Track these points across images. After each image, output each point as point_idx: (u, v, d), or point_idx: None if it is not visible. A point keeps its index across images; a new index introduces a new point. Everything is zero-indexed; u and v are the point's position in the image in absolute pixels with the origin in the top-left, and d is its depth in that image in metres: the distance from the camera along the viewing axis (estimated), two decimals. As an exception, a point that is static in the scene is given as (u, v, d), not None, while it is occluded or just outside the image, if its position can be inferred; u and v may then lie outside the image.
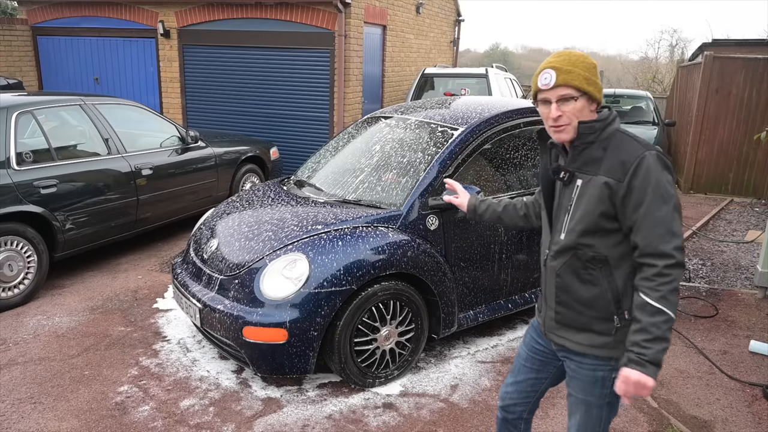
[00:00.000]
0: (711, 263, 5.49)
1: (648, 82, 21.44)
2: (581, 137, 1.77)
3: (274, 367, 3.07)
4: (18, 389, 3.23)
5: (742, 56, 8.34)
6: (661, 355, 1.64)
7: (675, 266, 1.65)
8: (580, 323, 1.83)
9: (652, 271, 1.65)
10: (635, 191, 1.67)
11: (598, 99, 1.76)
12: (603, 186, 1.71)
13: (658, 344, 1.63)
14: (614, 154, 1.72)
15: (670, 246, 1.64)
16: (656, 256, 1.65)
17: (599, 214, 1.73)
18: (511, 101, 4.26)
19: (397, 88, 10.44)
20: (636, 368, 1.63)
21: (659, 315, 1.63)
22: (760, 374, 3.51)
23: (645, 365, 1.63)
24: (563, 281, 1.84)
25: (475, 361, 3.62)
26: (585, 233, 1.76)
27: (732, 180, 8.61)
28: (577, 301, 1.83)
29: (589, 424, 1.89)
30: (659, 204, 1.65)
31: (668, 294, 1.64)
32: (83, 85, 9.67)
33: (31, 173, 4.37)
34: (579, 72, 1.73)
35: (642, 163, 1.67)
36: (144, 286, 4.74)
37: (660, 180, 1.66)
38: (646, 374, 1.62)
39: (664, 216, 1.65)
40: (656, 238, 1.65)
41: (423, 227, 3.40)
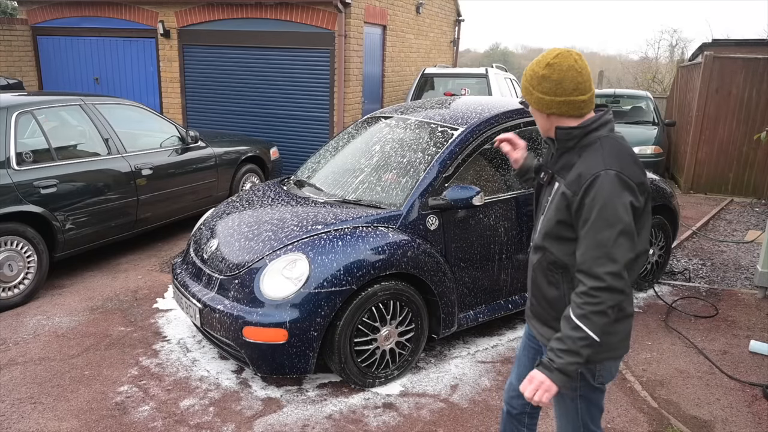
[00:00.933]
0: (711, 263, 5.49)
1: (648, 82, 21.44)
2: (559, 141, 1.79)
3: (274, 367, 3.07)
4: (18, 389, 3.23)
5: (742, 56, 8.34)
6: (570, 367, 1.66)
7: (604, 290, 1.63)
8: (544, 318, 1.91)
9: (581, 288, 1.67)
10: (584, 208, 1.67)
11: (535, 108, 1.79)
12: (561, 196, 1.73)
13: (569, 356, 1.66)
14: (579, 166, 1.72)
15: (602, 270, 1.63)
16: (587, 276, 1.66)
17: (557, 221, 1.76)
18: (511, 101, 4.26)
19: (397, 88, 10.44)
20: (543, 371, 1.69)
21: (577, 331, 1.65)
22: (760, 374, 3.51)
23: (552, 371, 1.67)
24: (535, 276, 1.91)
25: (475, 361, 3.62)
26: (546, 236, 1.80)
27: (732, 180, 8.61)
28: (543, 298, 1.89)
29: (567, 416, 1.93)
30: (602, 226, 1.63)
31: (591, 314, 1.64)
32: (83, 85, 9.67)
33: (31, 173, 4.37)
34: (523, 81, 1.80)
35: (595, 182, 1.65)
36: (144, 286, 4.74)
37: (609, 202, 1.63)
38: (551, 379, 1.67)
39: (605, 240, 1.63)
40: (590, 258, 1.65)
41: (423, 227, 3.40)
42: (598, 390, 1.87)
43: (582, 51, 3.37)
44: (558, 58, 1.72)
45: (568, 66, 1.71)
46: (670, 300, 4.53)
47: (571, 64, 1.71)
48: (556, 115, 1.76)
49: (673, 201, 4.74)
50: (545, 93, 1.74)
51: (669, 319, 4.23)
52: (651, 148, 8.22)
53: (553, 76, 1.71)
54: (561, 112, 1.74)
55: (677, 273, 5.19)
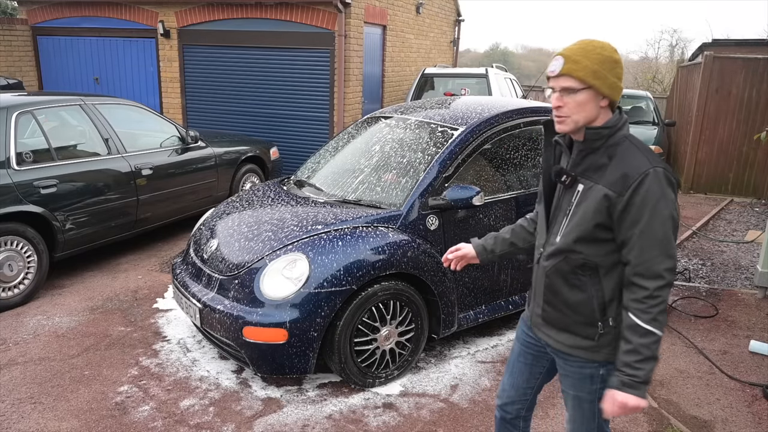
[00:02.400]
0: (711, 263, 5.49)
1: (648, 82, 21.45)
2: (587, 142, 1.73)
3: (274, 367, 3.07)
4: (18, 389, 3.23)
5: (742, 56, 8.34)
6: (651, 374, 1.65)
7: (666, 287, 1.64)
8: (564, 324, 1.84)
9: (643, 293, 1.64)
10: (634, 208, 1.63)
11: (606, 95, 1.68)
12: (602, 198, 1.67)
13: (649, 364, 1.64)
14: (618, 165, 1.67)
15: (662, 267, 1.63)
16: (648, 278, 1.64)
17: (595, 224, 1.70)
18: (511, 101, 4.26)
19: (397, 88, 10.44)
20: (630, 392, 1.63)
21: (649, 336, 1.63)
22: (760, 374, 3.51)
23: (638, 387, 1.63)
24: (552, 282, 1.84)
25: (475, 361, 3.62)
26: (579, 240, 1.74)
27: (732, 180, 8.61)
28: (563, 303, 1.83)
29: (583, 419, 1.90)
30: (657, 224, 1.62)
31: (658, 315, 1.63)
32: (83, 85, 9.67)
33: (31, 173, 4.37)
34: (587, 64, 1.65)
35: (645, 180, 1.63)
36: (144, 286, 4.74)
37: (661, 199, 1.63)
38: (639, 396, 1.64)
39: (661, 237, 1.63)
40: (650, 258, 1.63)
41: (423, 227, 3.40)
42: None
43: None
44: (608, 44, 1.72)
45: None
46: (670, 300, 4.53)
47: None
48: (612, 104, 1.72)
49: (673, 201, 4.73)
50: (618, 78, 1.69)
51: (669, 319, 4.23)
52: (651, 148, 8.20)
53: (621, 62, 1.70)
54: (617, 99, 1.71)
55: (677, 273, 5.19)
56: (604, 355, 1.78)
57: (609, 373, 1.79)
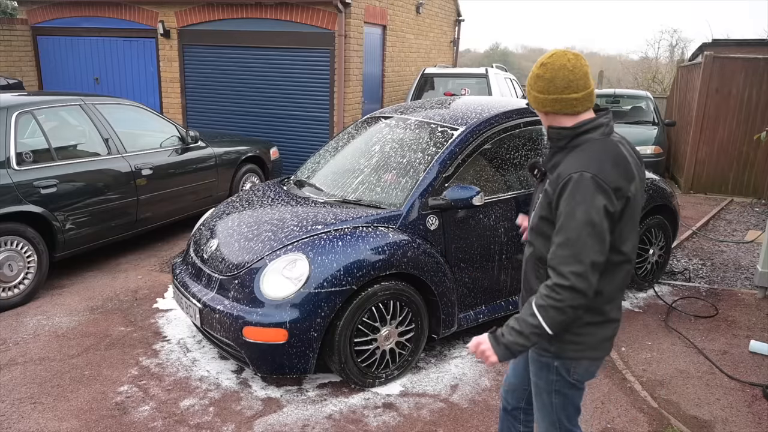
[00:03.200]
0: (711, 263, 5.49)
1: (648, 82, 21.44)
2: (551, 140, 1.84)
3: (274, 367, 3.07)
4: (18, 389, 3.23)
5: (742, 56, 8.34)
6: (514, 347, 1.75)
7: (566, 288, 1.67)
8: None
9: (548, 282, 1.72)
10: (559, 208, 1.72)
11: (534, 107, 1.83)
12: (545, 192, 1.79)
13: (516, 337, 1.74)
14: (562, 165, 1.76)
15: (567, 268, 1.67)
16: (553, 272, 1.71)
17: (540, 216, 1.82)
18: (511, 101, 4.26)
19: (397, 88, 10.44)
20: (491, 339, 1.79)
21: (532, 318, 1.72)
22: (760, 374, 3.51)
23: (498, 343, 1.78)
24: (525, 270, 1.98)
25: (475, 361, 3.61)
26: (532, 231, 1.88)
27: (732, 180, 8.61)
28: (530, 291, 1.91)
29: (544, 409, 1.97)
30: (572, 226, 1.67)
31: (549, 308, 1.69)
32: (83, 85, 9.67)
33: (31, 173, 4.37)
34: (533, 94, 1.82)
35: (569, 183, 1.69)
36: (144, 286, 4.74)
37: (580, 204, 1.66)
38: (493, 349, 1.78)
39: (573, 239, 1.67)
40: (559, 256, 1.70)
41: (423, 227, 3.40)
42: (574, 387, 1.90)
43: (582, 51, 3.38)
44: (551, 58, 1.78)
45: (560, 65, 1.75)
46: (670, 300, 4.53)
47: (563, 63, 1.75)
48: (552, 113, 1.81)
49: (673, 201, 4.74)
50: (539, 91, 1.79)
51: (669, 319, 4.23)
52: (651, 148, 8.22)
53: (546, 74, 1.77)
54: (555, 109, 1.79)
55: (677, 273, 5.19)
56: (555, 348, 1.85)
57: (564, 368, 1.86)
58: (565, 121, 1.80)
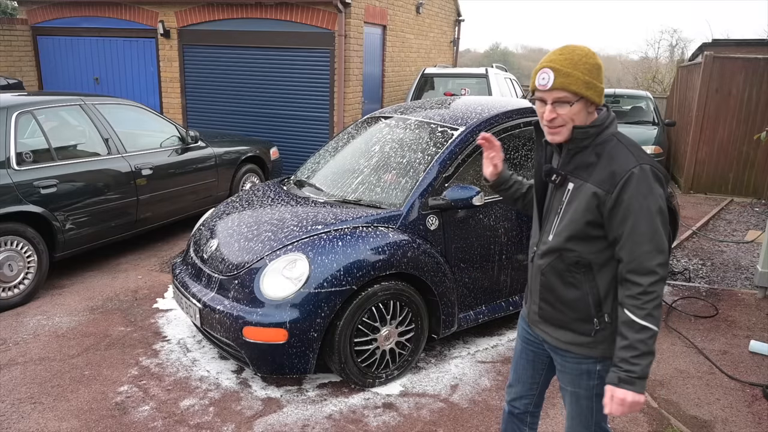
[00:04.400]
0: (711, 263, 5.49)
1: (648, 82, 21.44)
2: (575, 141, 1.74)
3: (274, 367, 3.08)
4: (18, 389, 3.23)
5: (742, 56, 8.34)
6: (648, 369, 1.66)
7: (659, 282, 1.65)
8: (561, 321, 1.86)
9: (637, 289, 1.65)
10: (623, 205, 1.65)
11: (596, 102, 1.71)
12: (592, 196, 1.69)
13: (645, 359, 1.65)
14: (606, 163, 1.70)
15: (654, 263, 1.64)
16: (641, 274, 1.65)
17: (586, 222, 1.72)
18: (511, 101, 4.26)
19: (397, 88, 10.44)
20: (627, 388, 1.64)
21: (645, 332, 1.64)
22: (760, 374, 3.51)
23: (635, 383, 1.64)
24: (547, 280, 1.86)
25: (475, 361, 3.62)
26: (571, 239, 1.76)
27: (732, 180, 8.61)
28: (558, 301, 1.84)
29: (582, 416, 1.92)
30: (646, 220, 1.64)
31: (653, 310, 1.65)
32: (83, 85, 9.67)
33: (31, 173, 4.37)
34: (578, 75, 1.66)
35: (632, 177, 1.65)
36: (144, 286, 4.74)
37: (648, 195, 1.65)
38: (637, 392, 1.65)
39: (651, 232, 1.64)
40: (641, 254, 1.65)
41: (423, 227, 3.40)
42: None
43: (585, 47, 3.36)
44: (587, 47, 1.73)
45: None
46: (670, 300, 4.53)
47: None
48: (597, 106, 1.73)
49: (673, 201, 4.74)
50: (602, 82, 1.72)
51: (669, 319, 4.23)
52: (651, 148, 8.22)
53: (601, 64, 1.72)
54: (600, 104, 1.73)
55: (677, 273, 5.19)
56: (600, 351, 1.80)
57: (606, 369, 1.80)
58: (587, 119, 1.73)
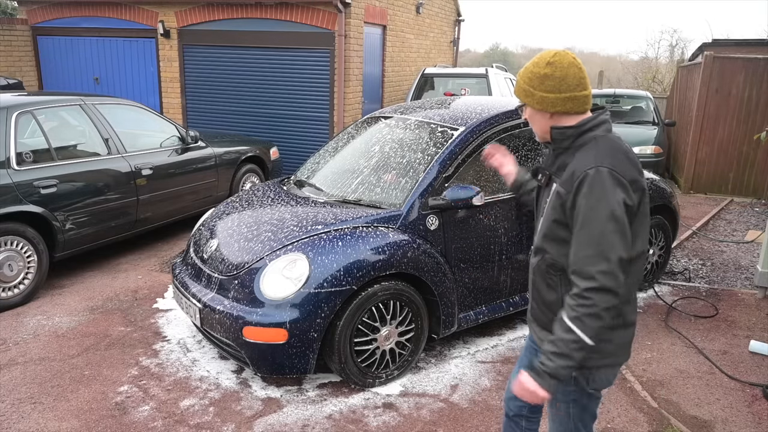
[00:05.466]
0: (711, 263, 5.49)
1: (648, 82, 21.43)
2: (555, 142, 1.78)
3: (274, 367, 3.08)
4: (18, 389, 3.23)
5: (742, 56, 8.34)
6: (562, 371, 1.64)
7: (597, 290, 1.60)
8: (543, 321, 1.89)
9: (574, 290, 1.65)
10: (576, 206, 1.65)
11: (538, 110, 1.77)
12: (556, 195, 1.73)
13: (561, 360, 1.63)
14: (573, 164, 1.71)
15: (594, 269, 1.60)
16: (579, 276, 1.64)
17: (553, 220, 1.75)
18: (511, 101, 4.26)
19: (397, 88, 10.44)
20: (534, 377, 1.67)
21: (569, 333, 1.63)
22: (760, 374, 3.51)
23: (543, 376, 1.66)
24: (534, 280, 1.90)
25: (475, 361, 3.62)
26: (545, 238, 1.80)
27: (732, 180, 8.61)
28: (542, 301, 1.87)
29: (560, 420, 1.92)
30: (594, 224, 1.61)
31: (584, 317, 1.60)
32: (83, 85, 9.67)
33: (31, 173, 4.37)
34: (520, 84, 1.79)
35: (586, 179, 1.63)
36: (144, 286, 4.74)
37: (602, 199, 1.61)
38: (541, 385, 1.66)
39: (597, 237, 1.60)
40: (583, 257, 1.63)
41: (423, 227, 3.40)
42: (592, 396, 1.85)
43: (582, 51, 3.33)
44: (557, 57, 1.74)
45: (568, 62, 1.72)
46: (670, 300, 4.53)
47: (570, 60, 1.73)
48: (561, 113, 1.75)
49: (673, 201, 4.73)
50: (549, 91, 1.73)
51: (669, 319, 4.23)
52: (651, 148, 8.22)
53: (556, 73, 1.72)
54: (566, 108, 1.73)
55: (677, 273, 5.19)
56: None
57: (583, 377, 1.79)
58: (568, 120, 1.75)
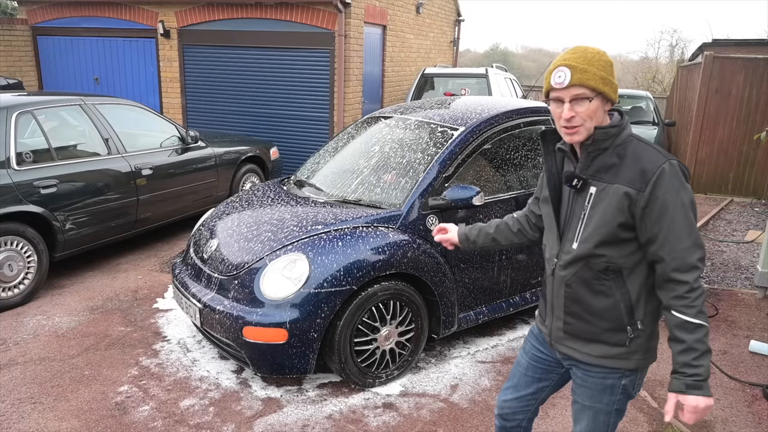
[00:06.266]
0: (711, 263, 5.49)
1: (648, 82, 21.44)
2: (596, 143, 1.69)
3: (274, 367, 3.08)
4: (18, 389, 3.23)
5: (742, 56, 8.34)
6: (708, 369, 1.62)
7: (701, 277, 1.63)
8: (591, 334, 1.78)
9: (684, 288, 1.61)
10: (657, 201, 1.61)
11: (612, 99, 1.69)
12: (623, 196, 1.64)
13: (706, 358, 1.61)
14: (632, 163, 1.65)
15: (695, 257, 1.61)
16: (685, 271, 1.61)
17: (618, 224, 1.66)
18: (511, 101, 4.26)
19: (397, 88, 10.44)
20: (697, 393, 1.59)
21: (700, 330, 1.60)
22: (760, 374, 3.51)
23: (702, 386, 1.60)
24: (574, 291, 1.77)
25: (475, 361, 3.62)
26: (601, 244, 1.69)
27: (732, 180, 8.61)
28: (588, 312, 1.76)
29: (595, 428, 1.85)
30: (682, 215, 1.61)
31: (702, 306, 1.61)
32: (83, 85, 9.67)
33: (31, 173, 4.37)
34: (595, 71, 1.64)
35: (664, 173, 1.61)
36: (144, 286, 4.74)
37: (681, 190, 1.62)
38: (707, 396, 1.60)
39: (689, 227, 1.61)
40: (683, 250, 1.60)
41: (423, 227, 3.40)
42: (631, 399, 1.84)
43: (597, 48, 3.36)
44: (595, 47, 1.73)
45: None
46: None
47: None
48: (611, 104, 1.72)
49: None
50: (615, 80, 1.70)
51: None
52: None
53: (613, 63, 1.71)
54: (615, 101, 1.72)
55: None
56: (634, 362, 1.75)
57: (631, 383, 1.77)
58: (603, 119, 1.71)
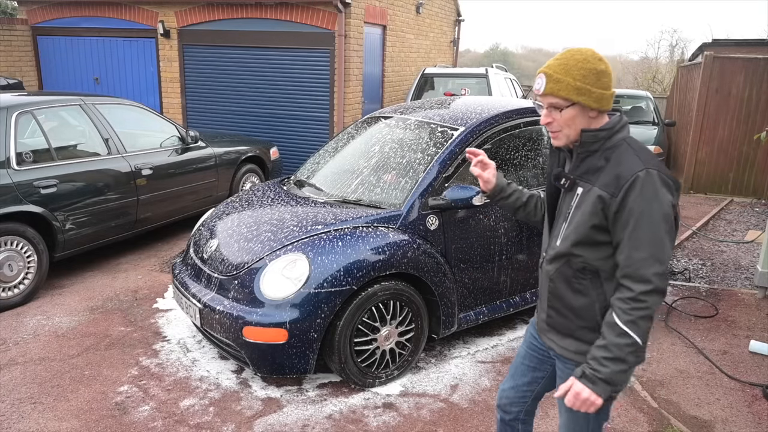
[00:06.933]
0: (711, 263, 5.49)
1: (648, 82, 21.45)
2: (584, 145, 1.72)
3: (274, 367, 3.08)
4: (18, 389, 3.23)
5: (742, 56, 8.34)
6: (617, 376, 1.63)
7: (652, 293, 1.60)
8: (567, 329, 1.83)
9: (628, 294, 1.62)
10: (626, 209, 1.62)
11: (594, 108, 1.68)
12: (597, 199, 1.67)
13: (616, 365, 1.62)
14: (613, 167, 1.66)
15: (650, 271, 1.60)
16: (634, 280, 1.62)
17: (591, 226, 1.69)
18: (511, 101, 4.26)
19: (397, 88, 10.44)
20: (587, 384, 1.64)
21: (624, 337, 1.61)
22: (760, 374, 3.51)
23: (596, 383, 1.63)
24: (555, 287, 1.83)
25: (475, 361, 3.62)
26: (577, 243, 1.73)
27: (732, 180, 8.61)
28: (566, 308, 1.81)
29: (576, 425, 1.88)
30: (648, 225, 1.60)
31: (639, 320, 1.60)
32: (83, 85, 9.67)
33: (31, 173, 4.37)
34: (569, 81, 1.66)
35: (637, 181, 1.61)
36: (144, 286, 4.74)
37: (653, 200, 1.60)
38: (595, 392, 1.63)
39: (651, 239, 1.60)
40: (638, 260, 1.61)
41: (423, 227, 3.40)
42: (611, 399, 1.83)
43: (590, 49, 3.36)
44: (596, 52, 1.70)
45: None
46: (670, 300, 4.53)
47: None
48: (604, 112, 1.71)
49: (673, 201, 4.73)
50: (605, 88, 1.68)
51: (669, 319, 4.23)
52: (651, 148, 8.19)
53: (608, 69, 1.69)
54: (610, 106, 1.71)
55: (677, 273, 5.19)
56: None
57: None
58: (596, 122, 1.72)
